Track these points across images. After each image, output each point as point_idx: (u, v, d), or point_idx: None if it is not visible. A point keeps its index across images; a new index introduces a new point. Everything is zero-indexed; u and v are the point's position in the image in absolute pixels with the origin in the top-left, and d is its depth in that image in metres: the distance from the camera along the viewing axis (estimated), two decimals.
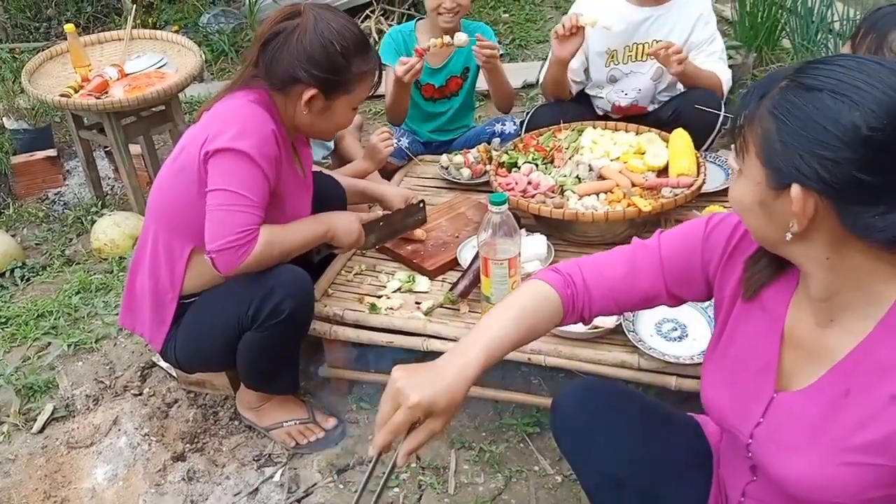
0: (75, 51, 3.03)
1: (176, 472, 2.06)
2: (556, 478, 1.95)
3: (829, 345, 1.09)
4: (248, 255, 1.76)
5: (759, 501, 1.23)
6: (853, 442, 1.04)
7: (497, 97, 2.88)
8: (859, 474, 1.03)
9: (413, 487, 1.96)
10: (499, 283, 1.91)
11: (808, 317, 1.12)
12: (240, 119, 1.78)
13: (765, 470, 1.17)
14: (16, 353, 2.51)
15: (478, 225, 2.18)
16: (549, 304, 1.24)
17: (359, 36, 1.86)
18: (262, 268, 1.84)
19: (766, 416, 1.15)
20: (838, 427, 1.06)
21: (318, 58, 1.79)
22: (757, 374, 1.17)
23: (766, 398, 1.15)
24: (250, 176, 1.76)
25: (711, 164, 2.48)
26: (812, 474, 1.07)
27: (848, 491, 1.04)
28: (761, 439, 1.16)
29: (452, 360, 1.14)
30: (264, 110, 1.82)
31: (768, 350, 1.16)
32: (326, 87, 1.83)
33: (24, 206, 3.36)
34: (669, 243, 1.28)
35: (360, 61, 1.85)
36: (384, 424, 1.10)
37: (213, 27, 4.54)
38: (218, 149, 1.75)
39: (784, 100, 0.97)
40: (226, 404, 2.23)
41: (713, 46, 2.65)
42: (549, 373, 2.18)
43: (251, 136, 1.76)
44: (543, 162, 2.48)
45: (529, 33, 4.54)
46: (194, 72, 3.01)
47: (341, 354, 2.17)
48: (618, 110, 2.80)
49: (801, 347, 1.13)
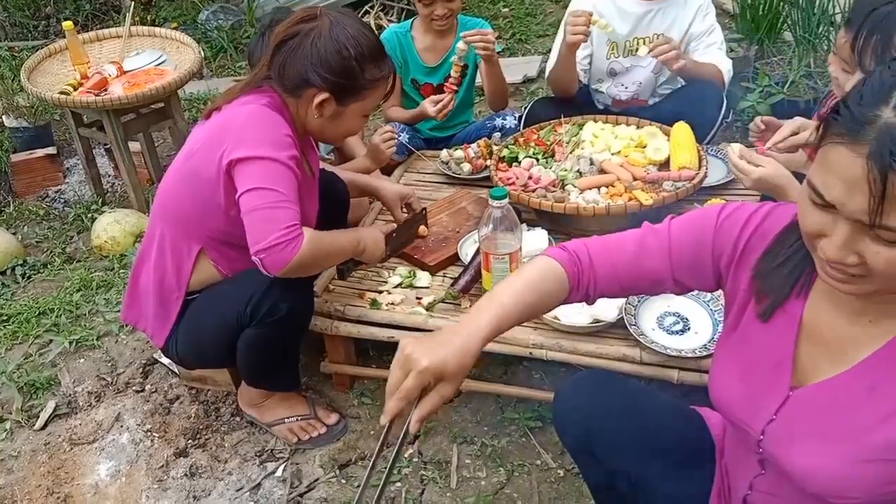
0: (74, 48, 3.03)
1: (178, 467, 2.06)
2: (558, 472, 1.96)
3: (856, 340, 1.06)
4: (297, 251, 1.70)
5: (767, 494, 1.22)
6: (875, 438, 1.02)
7: (494, 94, 2.85)
8: (880, 470, 1.02)
9: (415, 482, 1.96)
10: (500, 278, 1.91)
11: (832, 309, 1.09)
12: (258, 126, 1.77)
13: (776, 465, 1.15)
14: (18, 350, 2.51)
15: (478, 220, 2.18)
16: (555, 279, 1.24)
17: (374, 43, 1.85)
18: (311, 270, 1.82)
19: (780, 413, 1.13)
20: (860, 422, 1.04)
21: (332, 62, 1.78)
22: (772, 370, 1.14)
23: (782, 395, 1.13)
24: (282, 175, 1.74)
25: (713, 157, 2.47)
26: (829, 470, 1.05)
27: (865, 487, 1.03)
28: (774, 436, 1.14)
29: (461, 327, 1.15)
30: (278, 114, 1.81)
31: (784, 346, 1.13)
32: (338, 92, 1.81)
33: (24, 204, 3.36)
34: (679, 229, 1.25)
35: (373, 68, 1.83)
36: (394, 392, 1.10)
37: (212, 24, 4.54)
38: (242, 157, 1.73)
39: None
40: (227, 400, 2.23)
41: (712, 37, 2.65)
42: (551, 367, 2.18)
43: (272, 141, 1.75)
44: (544, 156, 2.48)
45: (530, 28, 4.53)
46: (193, 69, 3.01)
47: (342, 350, 2.17)
48: (618, 104, 2.80)
49: (822, 342, 1.10)
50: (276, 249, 1.70)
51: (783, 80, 3.30)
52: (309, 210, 1.95)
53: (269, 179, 1.73)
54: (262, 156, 1.73)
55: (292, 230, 1.71)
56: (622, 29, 2.67)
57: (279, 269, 1.72)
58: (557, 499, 1.89)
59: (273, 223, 1.70)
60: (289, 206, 1.72)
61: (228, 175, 1.76)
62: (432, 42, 2.85)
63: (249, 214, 1.72)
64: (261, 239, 1.70)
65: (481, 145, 2.66)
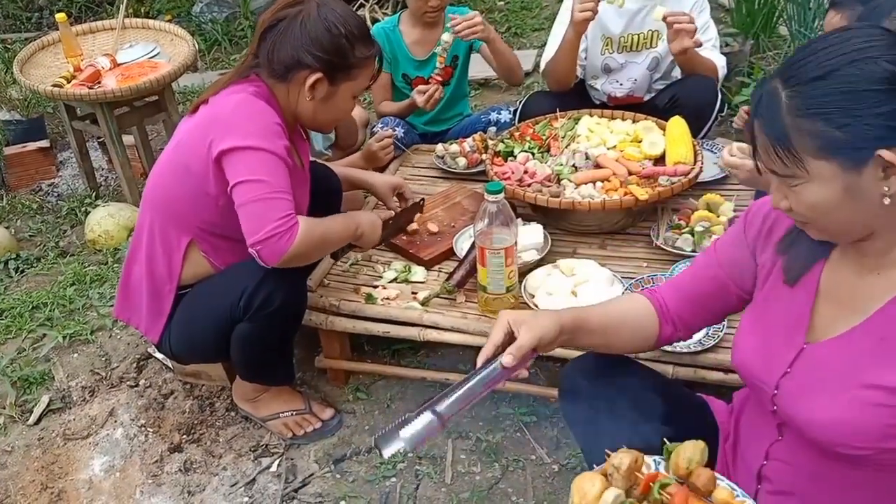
0: (67, 40, 3.01)
1: (173, 463, 2.05)
2: (552, 466, 1.96)
3: (868, 294, 1.14)
4: (293, 241, 1.71)
5: (783, 463, 1.26)
6: (881, 382, 1.09)
7: (504, 70, 2.86)
8: (884, 415, 1.08)
9: (410, 477, 1.96)
10: (495, 273, 1.91)
11: (845, 268, 1.18)
12: (247, 116, 1.76)
13: (790, 420, 1.20)
14: (11, 344, 2.50)
15: (474, 214, 2.17)
16: (637, 299, 1.44)
17: (361, 23, 1.88)
18: (308, 259, 1.82)
19: (794, 366, 1.20)
20: (869, 370, 1.11)
21: (324, 41, 1.79)
22: (788, 328, 1.22)
23: (796, 349, 1.20)
24: (273, 166, 1.74)
25: (708, 151, 2.47)
26: (837, 415, 1.12)
27: (872, 433, 1.09)
28: (787, 389, 1.20)
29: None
30: (266, 103, 1.80)
31: (801, 305, 1.21)
32: (331, 72, 1.82)
33: (17, 198, 3.34)
34: (722, 239, 1.40)
35: (362, 47, 1.85)
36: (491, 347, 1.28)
37: (207, 16, 4.51)
38: (231, 148, 1.73)
39: (809, 97, 1.04)
40: (222, 395, 2.23)
41: (707, 35, 2.64)
42: (546, 362, 2.18)
43: (262, 131, 1.75)
44: (540, 151, 2.47)
45: (525, 21, 4.51)
46: (188, 61, 2.99)
47: (337, 345, 2.17)
48: (613, 101, 2.79)
49: (837, 300, 1.18)
50: (273, 240, 1.70)
51: None
52: (300, 201, 1.95)
53: (260, 170, 1.72)
54: (252, 146, 1.73)
55: (287, 220, 1.71)
56: (616, 26, 2.66)
57: (276, 259, 1.72)
58: (552, 493, 1.89)
59: (268, 214, 1.70)
60: (282, 196, 1.72)
61: (218, 165, 1.76)
62: (421, 35, 2.84)
63: (243, 207, 1.72)
64: (256, 230, 1.70)
65: (476, 140, 2.65)
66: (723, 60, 2.67)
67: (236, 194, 1.73)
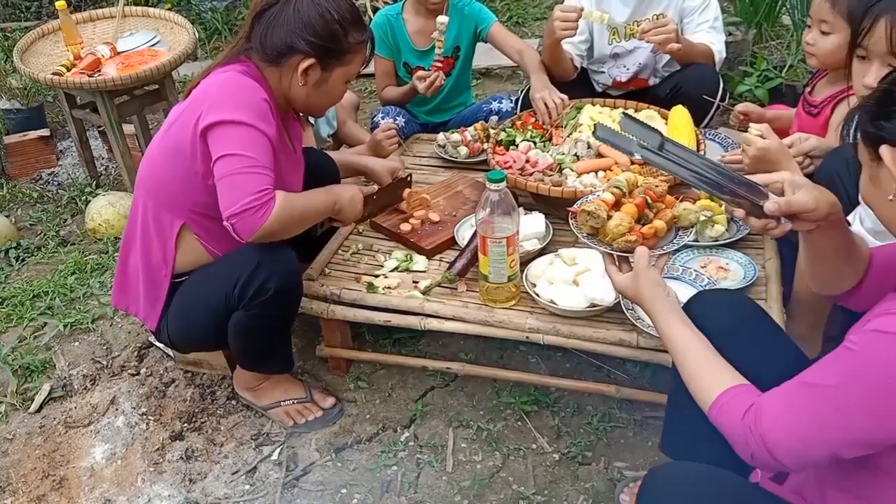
0: (67, 28, 2.99)
1: (174, 451, 2.06)
2: (553, 455, 1.96)
3: None
4: (268, 216, 1.70)
5: None
6: None
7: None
8: None
9: (411, 465, 1.96)
10: (497, 262, 1.90)
11: None
12: (233, 91, 1.76)
13: None
14: (12, 333, 2.50)
15: (475, 204, 2.17)
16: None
17: (353, 8, 1.88)
18: (284, 234, 1.79)
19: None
20: None
21: (317, 26, 1.79)
22: None
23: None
24: (256, 141, 1.73)
25: (711, 140, 2.46)
26: None
27: None
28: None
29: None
30: (255, 82, 1.80)
31: None
32: (324, 57, 1.82)
33: (17, 187, 3.34)
34: None
35: (355, 32, 1.85)
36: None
37: (207, 5, 4.50)
38: (215, 122, 1.72)
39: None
40: (223, 384, 2.23)
41: (704, 15, 2.62)
42: (547, 351, 2.18)
43: (247, 106, 1.74)
44: (542, 140, 2.46)
45: (527, 11, 4.50)
46: (188, 50, 2.98)
47: (339, 334, 2.17)
48: (619, 85, 2.78)
49: None
50: (247, 214, 1.69)
51: (781, 65, 3.28)
52: (292, 185, 1.94)
53: (241, 145, 1.72)
54: (236, 120, 1.72)
55: (264, 194, 1.70)
56: (622, 14, 2.65)
57: (250, 234, 1.71)
58: (553, 482, 1.90)
59: (244, 188, 1.70)
60: (261, 171, 1.72)
61: (203, 141, 1.75)
62: (423, 24, 2.81)
63: (221, 180, 1.72)
64: (232, 204, 1.70)
65: (478, 129, 2.64)
66: (721, 44, 2.64)
67: (217, 168, 1.73)
